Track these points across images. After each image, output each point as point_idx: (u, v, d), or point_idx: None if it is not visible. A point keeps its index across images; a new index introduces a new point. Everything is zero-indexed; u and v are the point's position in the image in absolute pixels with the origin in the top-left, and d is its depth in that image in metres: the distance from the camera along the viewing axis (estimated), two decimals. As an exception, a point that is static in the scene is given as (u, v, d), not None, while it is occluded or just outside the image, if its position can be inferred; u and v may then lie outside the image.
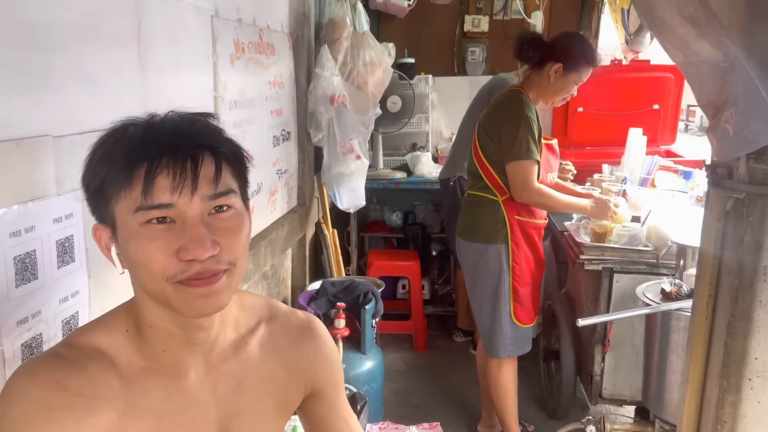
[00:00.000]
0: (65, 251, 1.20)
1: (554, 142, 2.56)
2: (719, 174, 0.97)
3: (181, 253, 0.77)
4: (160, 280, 0.78)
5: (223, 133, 0.85)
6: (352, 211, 3.35)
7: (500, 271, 2.46)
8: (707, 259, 1.06)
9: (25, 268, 1.09)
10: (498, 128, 2.39)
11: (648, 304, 2.06)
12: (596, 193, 2.72)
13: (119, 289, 1.29)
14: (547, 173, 2.45)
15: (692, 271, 2.09)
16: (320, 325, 1.07)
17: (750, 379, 0.99)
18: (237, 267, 0.83)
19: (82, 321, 1.24)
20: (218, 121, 0.87)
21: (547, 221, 2.60)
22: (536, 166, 2.34)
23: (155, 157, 0.77)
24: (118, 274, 0.85)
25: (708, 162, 1.03)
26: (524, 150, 2.31)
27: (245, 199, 0.88)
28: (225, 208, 0.82)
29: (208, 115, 0.86)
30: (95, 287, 1.29)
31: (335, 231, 3.45)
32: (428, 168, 4.02)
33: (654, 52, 4.36)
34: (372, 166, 3.95)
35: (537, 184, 2.35)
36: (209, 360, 0.91)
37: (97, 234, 0.85)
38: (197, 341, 0.88)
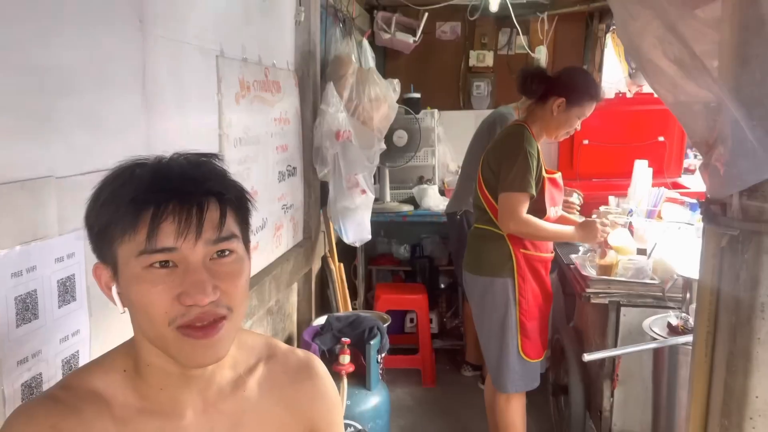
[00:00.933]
0: (66, 290, 1.21)
1: (558, 175, 2.56)
2: (713, 211, 0.97)
3: (182, 297, 0.78)
4: (162, 325, 0.79)
5: (228, 176, 0.87)
6: (357, 245, 3.36)
7: (507, 305, 2.45)
8: (705, 295, 1.06)
9: (26, 308, 1.11)
10: (498, 163, 2.41)
11: (655, 338, 2.03)
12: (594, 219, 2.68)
13: (120, 327, 1.30)
14: (551, 207, 2.45)
15: (699, 304, 2.07)
16: (319, 364, 1.06)
17: (751, 418, 0.98)
18: (235, 313, 0.83)
19: (83, 360, 1.25)
20: (223, 161, 0.88)
21: (553, 254, 2.59)
22: (528, 200, 2.35)
23: (162, 203, 0.78)
24: (119, 313, 0.86)
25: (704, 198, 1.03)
26: (518, 182, 2.32)
27: (246, 243, 0.89)
28: (227, 253, 0.83)
29: (213, 156, 0.87)
30: (96, 326, 1.30)
31: (341, 265, 3.45)
32: (435, 201, 4.04)
33: (659, 84, 4.38)
34: (379, 199, 3.97)
35: (524, 215, 2.34)
36: (207, 398, 0.91)
37: (97, 273, 0.86)
38: (194, 380, 0.89)
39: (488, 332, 2.51)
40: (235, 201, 0.85)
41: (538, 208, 2.40)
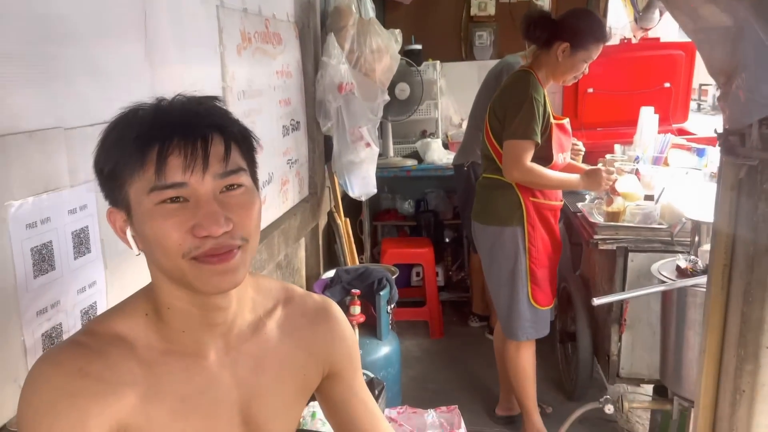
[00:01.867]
0: (81, 242, 1.21)
1: (566, 121, 2.53)
2: (731, 142, 0.95)
3: (196, 230, 0.79)
4: (176, 257, 0.80)
5: (229, 114, 0.87)
6: (363, 199, 3.35)
7: (516, 254, 2.45)
8: (721, 229, 1.05)
9: (43, 259, 1.11)
10: (504, 110, 2.38)
11: (663, 282, 2.05)
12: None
13: (135, 278, 1.31)
14: (559, 153, 2.43)
15: (707, 247, 2.07)
16: (336, 308, 1.07)
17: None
18: (250, 243, 0.84)
19: (100, 311, 1.26)
20: (224, 104, 0.89)
21: (562, 202, 2.58)
22: (533, 148, 2.32)
23: (166, 138, 0.78)
24: (133, 264, 0.87)
25: (720, 131, 1.02)
26: (522, 129, 2.29)
27: (254, 179, 0.89)
28: (236, 186, 0.83)
29: (214, 98, 0.88)
30: (111, 277, 1.31)
31: (347, 220, 3.45)
32: (439, 155, 4.01)
33: (663, 29, 4.30)
34: (382, 154, 3.94)
35: (528, 164, 2.33)
36: (228, 341, 0.92)
37: (111, 218, 0.86)
38: (215, 321, 0.89)
39: (498, 281, 2.53)
40: (239, 135, 0.85)
41: (545, 155, 2.38)
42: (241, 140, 0.85)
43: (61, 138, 1.16)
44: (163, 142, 0.78)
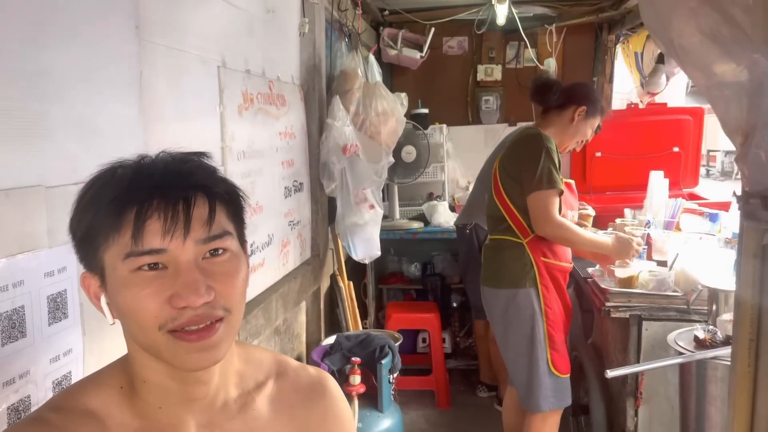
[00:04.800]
0: (57, 307, 1.14)
1: (572, 182, 2.51)
2: (752, 205, 0.88)
3: (174, 300, 0.72)
4: (152, 330, 0.73)
5: (216, 173, 0.81)
6: (367, 261, 3.28)
7: (533, 317, 2.34)
8: (745, 300, 0.97)
9: (12, 326, 1.03)
10: (518, 165, 2.34)
11: (681, 353, 1.93)
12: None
13: (116, 346, 1.22)
14: (567, 210, 2.38)
15: (726, 316, 1.97)
16: (332, 383, 0.99)
17: (804, 435, 0.88)
18: (233, 314, 0.77)
19: (75, 380, 1.17)
20: (212, 160, 0.83)
21: (572, 265, 2.49)
22: (558, 198, 2.27)
23: (145, 200, 0.72)
24: (115, 329, 0.80)
25: (739, 193, 0.95)
26: (546, 180, 2.24)
27: (242, 241, 0.83)
28: (220, 251, 0.77)
29: (201, 154, 0.82)
30: (90, 345, 1.23)
31: (351, 283, 3.37)
32: (445, 217, 3.95)
33: (670, 95, 4.31)
34: (388, 216, 3.90)
35: (559, 217, 2.27)
36: (211, 418, 0.84)
37: (85, 283, 0.80)
38: (195, 397, 0.82)
39: (515, 348, 2.40)
40: (225, 195, 0.79)
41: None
42: (228, 201, 0.79)
43: (42, 196, 1.10)
44: (141, 204, 0.72)
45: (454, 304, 4.12)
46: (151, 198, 0.73)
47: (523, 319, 2.35)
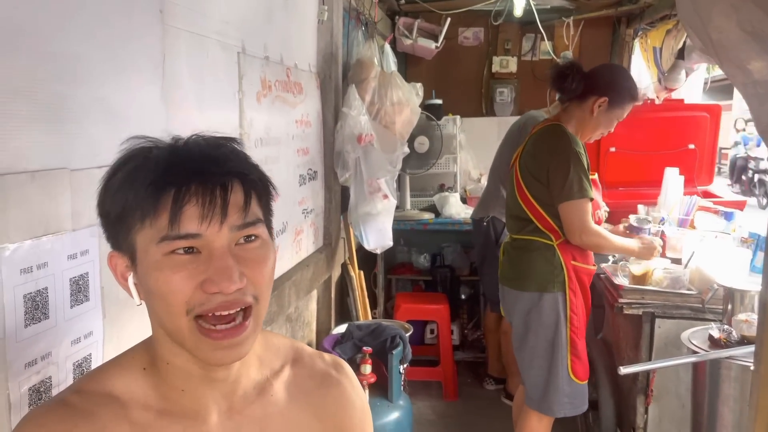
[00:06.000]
0: (79, 290, 1.14)
1: (596, 176, 2.45)
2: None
3: (206, 285, 0.72)
4: (179, 315, 0.73)
5: (249, 159, 0.81)
6: (379, 251, 3.27)
7: (557, 323, 2.27)
8: (772, 302, 0.96)
9: (36, 307, 1.04)
10: (545, 167, 2.24)
11: (695, 352, 1.92)
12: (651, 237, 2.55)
13: (136, 330, 1.24)
14: (596, 211, 2.32)
15: (742, 316, 1.96)
16: (348, 370, 0.99)
17: (830, 439, 0.87)
18: (260, 302, 0.77)
19: (95, 364, 1.18)
20: (243, 146, 0.83)
21: (596, 267, 2.44)
22: (590, 205, 2.21)
23: (183, 185, 0.72)
24: (135, 314, 0.81)
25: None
26: (576, 188, 2.17)
27: (270, 229, 0.83)
28: (253, 238, 0.77)
29: (232, 139, 0.82)
30: (110, 329, 1.23)
31: (362, 273, 3.37)
32: (456, 209, 3.94)
33: (687, 91, 4.27)
34: (399, 207, 3.89)
35: (594, 225, 2.22)
36: (232, 403, 0.84)
37: (112, 262, 0.80)
38: (217, 378, 0.82)
39: (533, 351, 2.34)
40: (258, 183, 0.79)
41: None
42: (262, 189, 0.80)
43: (66, 179, 1.10)
44: (179, 189, 0.72)
45: (463, 296, 4.11)
46: (189, 183, 0.72)
47: (547, 324, 2.29)
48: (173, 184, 0.72)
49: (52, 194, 1.07)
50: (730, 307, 2.04)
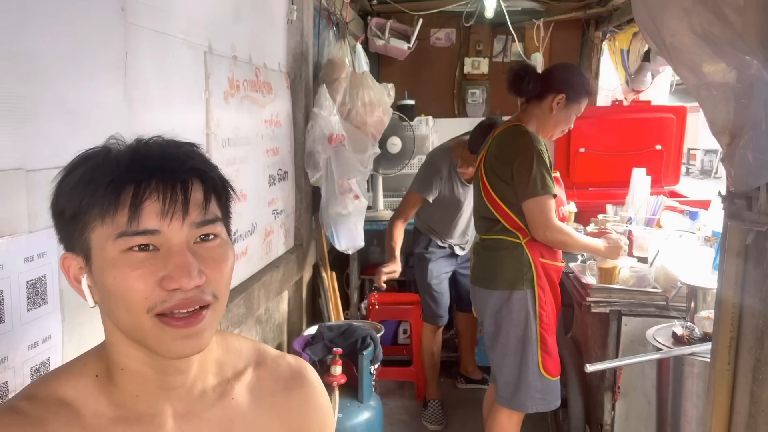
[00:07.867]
0: (36, 293, 1.12)
1: (557, 174, 2.49)
2: (737, 205, 0.89)
3: (165, 282, 0.72)
4: (140, 313, 0.72)
5: (209, 161, 0.81)
6: (350, 252, 3.27)
7: (527, 320, 2.30)
8: (727, 299, 0.98)
9: (-10, 311, 1.01)
10: (509, 166, 2.28)
11: (659, 349, 1.95)
12: (614, 234, 2.58)
13: (96, 333, 1.21)
14: (559, 207, 2.37)
15: (704, 313, 2.00)
16: (311, 372, 0.99)
17: (781, 432, 0.90)
18: (219, 301, 0.77)
19: (54, 367, 1.15)
20: (202, 150, 0.82)
21: (564, 264, 2.48)
22: (553, 202, 2.25)
23: (143, 180, 0.72)
24: (95, 317, 0.79)
25: (724, 193, 0.96)
26: (540, 185, 2.21)
27: (228, 230, 0.83)
28: (211, 236, 0.77)
29: (193, 144, 0.82)
30: (70, 332, 1.21)
31: (334, 274, 3.36)
32: (429, 209, 3.94)
33: (654, 93, 4.35)
34: (372, 207, 3.89)
35: (558, 222, 2.25)
36: (189, 406, 0.83)
37: (66, 264, 0.79)
38: (173, 385, 0.81)
39: (504, 349, 2.36)
40: (218, 182, 0.79)
41: None
42: (221, 189, 0.80)
43: (22, 180, 1.08)
44: (139, 185, 0.72)
45: (436, 296, 4.11)
46: (150, 179, 0.72)
47: (516, 321, 2.32)
48: (133, 180, 0.72)
49: (7, 195, 1.05)
50: (693, 304, 2.08)
